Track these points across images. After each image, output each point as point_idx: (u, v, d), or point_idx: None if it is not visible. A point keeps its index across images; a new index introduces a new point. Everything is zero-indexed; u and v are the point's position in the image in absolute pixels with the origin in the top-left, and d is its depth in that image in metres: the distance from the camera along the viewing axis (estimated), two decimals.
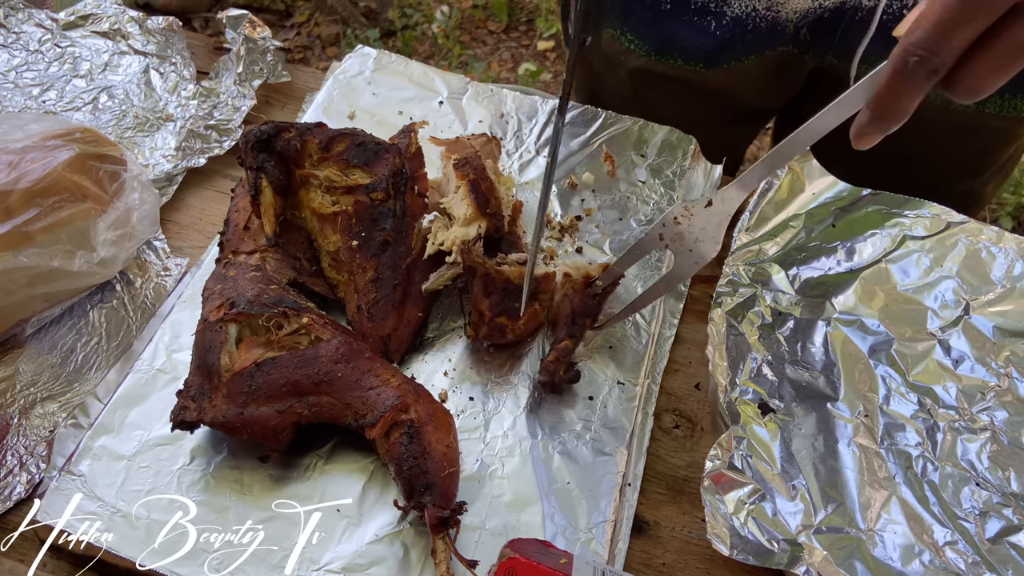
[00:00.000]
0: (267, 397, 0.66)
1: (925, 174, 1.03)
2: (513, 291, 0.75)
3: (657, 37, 0.97)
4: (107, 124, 0.97)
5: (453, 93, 1.01)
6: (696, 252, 0.72)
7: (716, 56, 0.95)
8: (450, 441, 0.66)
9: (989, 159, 1.03)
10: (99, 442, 0.70)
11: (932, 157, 1.01)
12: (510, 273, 0.76)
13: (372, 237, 0.77)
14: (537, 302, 0.78)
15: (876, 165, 1.00)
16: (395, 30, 2.70)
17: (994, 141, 1.00)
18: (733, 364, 0.75)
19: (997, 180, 1.09)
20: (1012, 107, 0.94)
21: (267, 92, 1.03)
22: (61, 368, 0.77)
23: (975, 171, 1.05)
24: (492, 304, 0.75)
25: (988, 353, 0.78)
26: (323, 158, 0.79)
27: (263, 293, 0.72)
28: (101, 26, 1.07)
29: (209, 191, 0.93)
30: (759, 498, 0.67)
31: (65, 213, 0.76)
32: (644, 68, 1.01)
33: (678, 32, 0.95)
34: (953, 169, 1.04)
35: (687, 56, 0.97)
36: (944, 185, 1.05)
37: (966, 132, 0.97)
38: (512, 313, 0.76)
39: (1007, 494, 0.70)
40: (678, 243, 0.72)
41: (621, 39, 1.00)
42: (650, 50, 0.98)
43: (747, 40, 0.93)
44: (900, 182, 0.91)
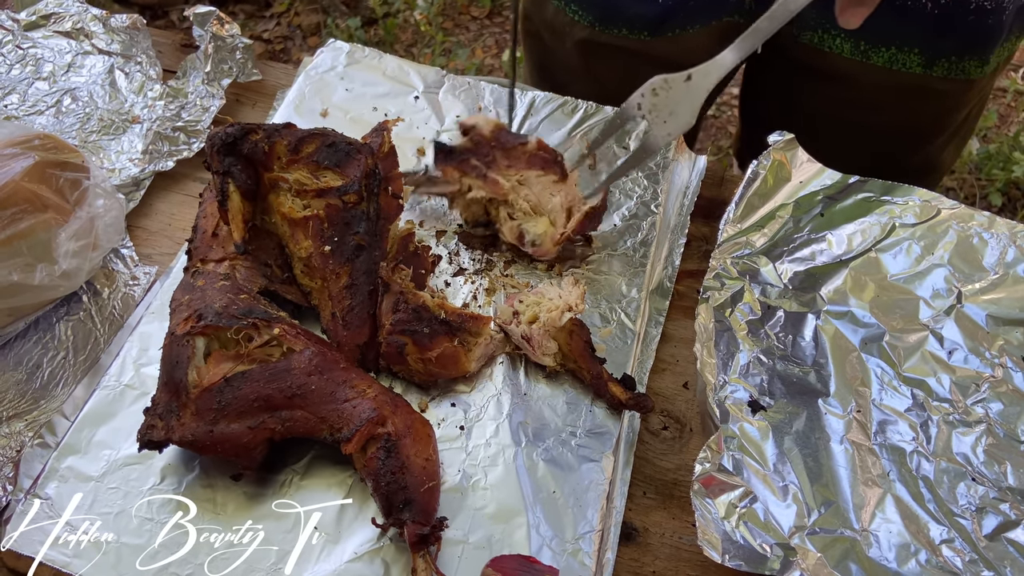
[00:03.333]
0: (238, 413, 0.64)
1: (881, 143, 1.03)
2: (426, 319, 0.72)
3: (600, 6, 0.97)
4: (71, 128, 0.94)
5: (429, 87, 0.98)
6: (670, 123, 0.75)
7: (660, 25, 0.95)
8: (429, 454, 0.64)
9: (942, 123, 1.03)
10: (66, 463, 0.68)
11: (885, 123, 1.01)
12: (428, 301, 0.73)
13: (345, 241, 0.74)
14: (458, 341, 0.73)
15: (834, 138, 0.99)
16: (376, 18, 2.66)
17: (944, 104, 1.00)
18: (722, 361, 0.73)
19: (955, 144, 1.09)
20: (960, 69, 0.93)
21: (237, 91, 1.00)
22: (27, 385, 0.74)
23: (928, 136, 1.04)
24: (396, 320, 0.72)
25: (981, 343, 0.76)
26: (292, 160, 0.76)
27: (232, 304, 0.69)
28: (63, 26, 1.03)
29: (178, 195, 0.90)
30: (750, 501, 0.65)
31: (24, 224, 0.73)
32: (589, 39, 1.00)
33: (621, 1, 0.95)
34: (907, 135, 1.04)
35: (631, 25, 0.97)
36: (902, 152, 1.05)
37: (914, 95, 0.97)
38: (420, 339, 0.72)
39: (1003, 489, 0.68)
40: (654, 113, 0.75)
41: (566, 10, 1.00)
42: (594, 20, 0.98)
43: (690, 8, 0.93)
44: (858, 154, 0.91)
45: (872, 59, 0.93)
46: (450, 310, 0.74)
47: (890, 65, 0.93)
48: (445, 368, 0.73)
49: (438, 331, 0.72)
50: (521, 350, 0.76)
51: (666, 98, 0.74)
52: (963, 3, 0.87)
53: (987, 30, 0.90)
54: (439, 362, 0.72)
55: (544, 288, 0.77)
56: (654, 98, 0.74)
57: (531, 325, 0.75)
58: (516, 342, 0.76)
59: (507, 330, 0.76)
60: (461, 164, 0.83)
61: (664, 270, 0.84)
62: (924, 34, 0.90)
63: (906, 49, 0.92)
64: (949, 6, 0.87)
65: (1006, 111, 2.36)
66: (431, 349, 0.72)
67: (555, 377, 0.76)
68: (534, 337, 0.74)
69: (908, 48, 0.92)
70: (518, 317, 0.76)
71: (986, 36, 0.91)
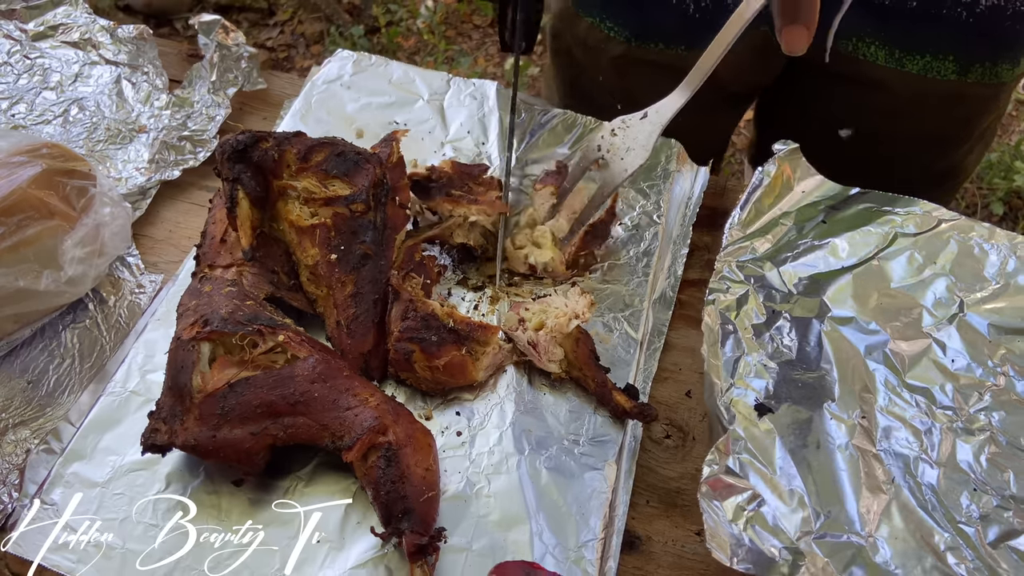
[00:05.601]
0: (241, 419, 0.64)
1: (912, 148, 1.03)
2: (434, 327, 0.73)
3: (637, 22, 0.97)
4: (78, 137, 0.94)
5: (434, 94, 0.99)
6: (627, 160, 0.79)
7: (696, 38, 0.95)
8: (429, 464, 0.64)
9: (969, 128, 1.03)
10: (71, 469, 0.68)
11: (913, 130, 1.01)
12: (437, 309, 0.74)
13: (351, 250, 0.75)
14: (466, 350, 0.74)
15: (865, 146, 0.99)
16: (379, 26, 2.68)
17: (975, 109, 1.00)
18: (728, 364, 0.73)
19: (979, 149, 1.09)
20: (994, 74, 0.93)
21: (243, 100, 1.01)
22: (33, 392, 0.75)
23: (957, 141, 1.04)
24: (405, 328, 0.73)
25: (984, 351, 0.76)
26: (301, 168, 0.77)
27: (238, 310, 0.69)
28: (71, 36, 1.04)
29: (184, 204, 0.91)
30: (758, 504, 0.65)
31: (31, 231, 0.74)
32: (625, 54, 1.00)
33: (657, 16, 0.95)
34: (934, 142, 1.03)
35: (667, 39, 0.97)
36: (930, 158, 1.05)
37: (947, 102, 0.97)
38: (428, 347, 0.72)
39: (1007, 497, 0.68)
40: (612, 152, 0.80)
41: (601, 26, 1.00)
42: (631, 36, 0.98)
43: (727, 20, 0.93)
44: (889, 161, 0.91)
45: (907, 66, 0.93)
46: (459, 319, 0.74)
47: (925, 72, 0.93)
48: (453, 376, 0.73)
49: (446, 339, 0.72)
50: (527, 357, 0.76)
51: (623, 137, 0.80)
52: (1000, 10, 0.88)
53: (1019, 34, 0.90)
54: (447, 370, 0.72)
55: (551, 298, 0.78)
56: (612, 138, 0.80)
57: (537, 332, 0.75)
58: (521, 348, 0.76)
59: (513, 336, 0.76)
60: (447, 197, 0.84)
61: (667, 279, 0.84)
62: (959, 41, 0.91)
63: (941, 56, 0.92)
64: (986, 15, 0.88)
65: (1007, 120, 2.36)
66: (439, 357, 0.72)
67: (558, 386, 0.76)
68: (540, 343, 0.75)
69: (943, 55, 0.92)
70: (524, 324, 0.76)
71: (1018, 40, 0.91)
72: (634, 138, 0.78)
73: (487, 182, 0.86)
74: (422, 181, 0.84)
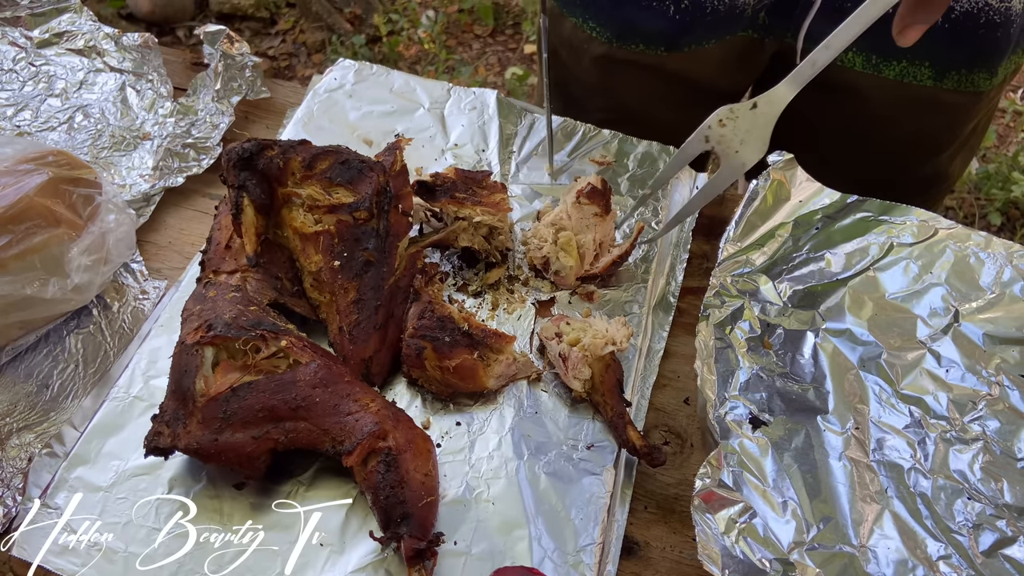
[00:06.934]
0: (242, 423, 0.65)
1: (888, 155, 1.04)
2: (449, 329, 0.74)
3: (618, 23, 0.99)
4: (83, 144, 0.95)
5: (435, 103, 1.00)
6: (743, 152, 0.73)
7: (676, 40, 0.97)
8: (428, 469, 0.65)
9: (951, 135, 1.04)
10: (75, 473, 0.69)
11: (894, 136, 1.02)
12: (454, 313, 0.75)
13: (354, 257, 0.76)
14: (478, 355, 0.74)
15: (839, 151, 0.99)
16: (380, 36, 2.69)
17: (953, 117, 1.01)
18: (722, 378, 0.74)
19: (963, 156, 1.10)
20: (969, 81, 0.95)
21: (246, 108, 1.02)
22: (37, 397, 0.75)
23: (937, 148, 1.05)
24: (420, 325, 0.74)
25: (979, 361, 0.77)
26: (306, 176, 0.78)
27: (242, 315, 0.70)
28: (76, 43, 1.05)
29: (187, 211, 0.92)
30: (750, 516, 0.66)
31: (38, 239, 0.74)
32: (607, 54, 1.02)
33: (638, 17, 0.96)
34: (916, 147, 1.05)
35: (648, 40, 0.98)
36: (911, 165, 1.06)
37: (925, 108, 0.98)
38: (440, 346, 0.73)
39: (1000, 506, 0.69)
40: (723, 145, 0.73)
41: (584, 27, 1.01)
42: (612, 36, 1.00)
43: (706, 24, 0.95)
44: (868, 166, 0.91)
45: (884, 72, 0.95)
46: (475, 324, 0.75)
47: (901, 78, 0.94)
48: (463, 380, 0.74)
49: (459, 342, 0.73)
50: (549, 370, 0.77)
51: (734, 127, 0.73)
52: (973, 17, 0.89)
53: (996, 43, 0.92)
54: (457, 372, 0.73)
55: (593, 320, 0.78)
56: (721, 128, 0.73)
57: (571, 347, 0.75)
58: (551, 359, 0.77)
59: (547, 344, 0.77)
60: (452, 198, 0.85)
61: (667, 286, 0.85)
62: (935, 47, 0.92)
63: (917, 62, 0.93)
64: (959, 20, 0.89)
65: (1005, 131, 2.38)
66: (449, 358, 0.73)
67: (556, 392, 0.77)
68: (571, 358, 0.75)
69: (919, 61, 0.93)
70: (560, 337, 0.76)
71: (995, 48, 0.93)
72: (747, 130, 0.72)
73: (491, 186, 0.87)
74: (427, 184, 0.85)
